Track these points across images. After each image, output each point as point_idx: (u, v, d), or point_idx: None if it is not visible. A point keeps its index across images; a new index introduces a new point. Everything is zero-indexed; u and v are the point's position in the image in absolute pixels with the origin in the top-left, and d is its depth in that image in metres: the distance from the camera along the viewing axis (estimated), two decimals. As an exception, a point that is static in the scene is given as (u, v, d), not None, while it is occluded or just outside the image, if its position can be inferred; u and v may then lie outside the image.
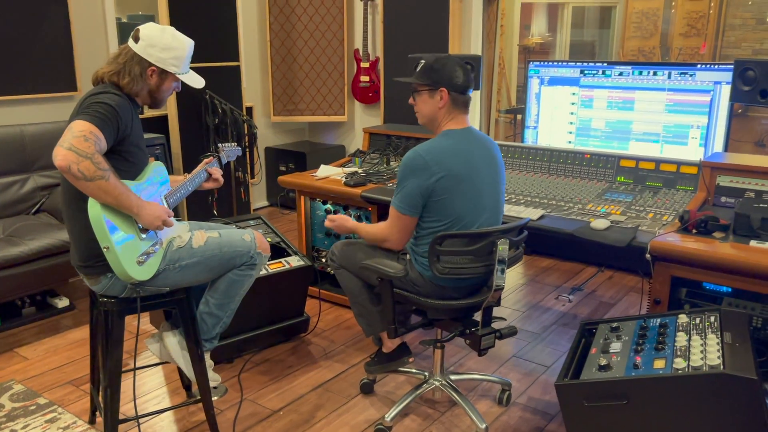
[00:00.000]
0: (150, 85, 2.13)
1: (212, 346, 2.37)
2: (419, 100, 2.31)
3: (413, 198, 2.19)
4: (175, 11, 4.16)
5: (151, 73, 2.11)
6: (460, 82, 2.25)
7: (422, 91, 2.29)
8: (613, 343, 2.06)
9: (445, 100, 2.25)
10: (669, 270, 2.25)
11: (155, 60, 2.10)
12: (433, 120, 2.31)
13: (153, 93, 2.16)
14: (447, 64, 2.25)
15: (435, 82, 2.24)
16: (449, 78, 2.24)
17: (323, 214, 3.40)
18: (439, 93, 2.24)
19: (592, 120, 3.44)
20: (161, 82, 2.14)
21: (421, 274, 2.27)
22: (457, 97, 2.26)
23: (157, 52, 2.09)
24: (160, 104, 2.23)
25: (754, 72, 2.65)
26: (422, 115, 2.33)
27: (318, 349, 3.04)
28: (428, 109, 2.29)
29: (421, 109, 2.32)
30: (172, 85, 2.19)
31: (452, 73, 2.24)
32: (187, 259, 2.16)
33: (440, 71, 2.25)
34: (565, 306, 3.50)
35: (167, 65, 2.12)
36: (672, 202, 2.67)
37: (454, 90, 2.24)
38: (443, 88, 2.23)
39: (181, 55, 2.15)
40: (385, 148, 3.72)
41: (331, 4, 5.11)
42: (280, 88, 5.27)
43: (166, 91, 2.19)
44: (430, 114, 2.30)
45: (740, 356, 1.75)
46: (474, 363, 2.90)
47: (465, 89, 2.27)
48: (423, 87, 2.28)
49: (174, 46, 2.13)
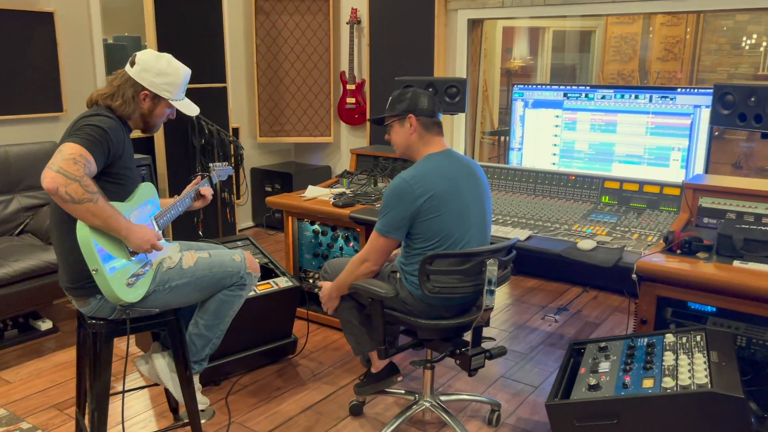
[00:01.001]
0: (142, 109, 2.13)
1: (201, 368, 2.36)
2: (392, 133, 2.40)
3: (397, 222, 2.23)
4: (162, 32, 4.18)
5: (144, 97, 2.12)
6: (426, 106, 2.34)
7: (393, 123, 2.38)
8: (601, 362, 2.08)
9: (414, 126, 2.33)
10: (655, 290, 2.29)
11: (148, 84, 2.11)
12: (410, 147, 2.37)
13: (145, 117, 2.16)
14: (410, 93, 2.36)
15: (402, 111, 2.34)
16: (414, 104, 2.34)
17: (311, 235, 3.40)
18: (408, 120, 2.33)
19: (576, 142, 3.50)
20: (154, 106, 2.15)
21: (412, 293, 2.28)
22: (426, 120, 2.34)
23: (150, 77, 2.11)
24: (152, 129, 2.22)
25: (733, 96, 2.72)
26: (398, 146, 2.40)
27: (306, 371, 3.03)
28: (401, 139, 2.37)
29: (395, 140, 2.40)
30: (165, 111, 2.19)
31: (416, 99, 2.34)
32: (177, 280, 2.15)
33: (404, 101, 2.35)
34: (551, 326, 3.53)
35: (160, 90, 2.13)
36: (656, 223, 2.72)
37: (421, 114, 2.33)
38: (410, 115, 2.33)
39: (175, 81, 2.16)
40: (373, 169, 3.74)
41: (318, 27, 5.17)
42: (266, 109, 5.29)
43: (159, 117, 2.19)
44: (404, 143, 2.37)
45: (727, 375, 1.78)
46: (463, 383, 2.90)
47: (432, 112, 2.36)
48: (392, 118, 2.38)
49: (168, 72, 2.14)
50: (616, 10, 4.01)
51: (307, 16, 5.14)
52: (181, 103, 2.22)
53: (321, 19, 5.15)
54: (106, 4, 4.41)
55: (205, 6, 4.44)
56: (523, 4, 4.28)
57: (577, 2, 4.08)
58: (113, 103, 2.08)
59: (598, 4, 4.02)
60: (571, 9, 4.14)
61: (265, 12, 5.11)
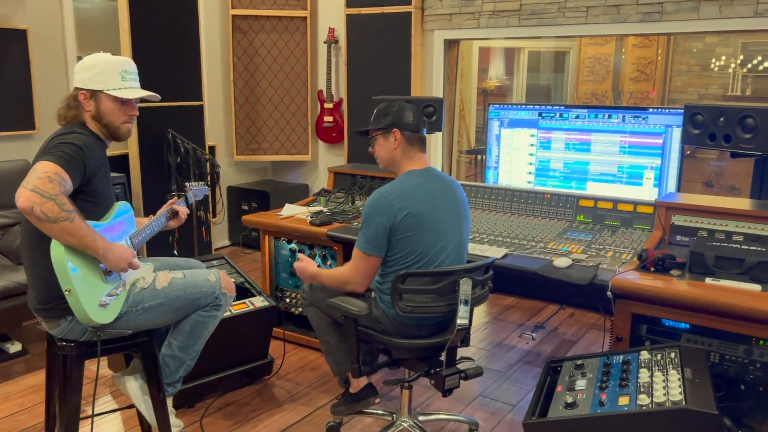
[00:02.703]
0: (91, 112, 2.08)
1: (175, 390, 2.32)
2: (376, 146, 2.41)
3: (378, 238, 2.22)
4: (138, 49, 4.16)
5: (83, 98, 2.07)
6: (411, 121, 2.35)
7: (377, 136, 2.39)
8: (578, 380, 2.09)
9: (399, 140, 2.34)
10: (630, 307, 2.31)
11: (81, 82, 2.07)
12: (392, 161, 2.38)
13: (100, 120, 2.08)
14: (396, 107, 2.37)
15: (387, 125, 2.35)
16: (399, 119, 2.35)
17: (288, 254, 3.38)
18: (393, 134, 2.34)
19: (551, 161, 3.55)
20: (97, 104, 2.07)
21: (385, 312, 2.27)
22: (410, 135, 2.35)
23: (80, 75, 2.08)
24: (116, 132, 2.10)
25: (703, 116, 2.79)
26: (381, 159, 2.41)
27: (282, 392, 2.99)
28: (385, 152, 2.38)
29: (379, 153, 2.41)
30: (112, 107, 2.07)
31: (402, 114, 2.35)
32: (151, 301, 2.12)
33: (390, 114, 2.36)
34: (528, 344, 3.54)
35: (92, 84, 2.06)
36: (630, 241, 2.75)
37: (406, 129, 2.34)
38: (395, 129, 2.34)
39: (103, 69, 2.06)
40: (350, 187, 3.74)
41: (295, 46, 5.18)
42: (243, 127, 5.28)
43: (112, 115, 2.08)
44: (387, 156, 2.38)
45: (701, 392, 1.80)
46: (442, 402, 2.89)
47: (417, 128, 2.37)
48: (377, 131, 2.39)
49: (93, 63, 2.07)
50: (588, 31, 4.09)
51: (285, 35, 5.15)
52: (123, 91, 2.08)
53: (298, 38, 5.17)
54: (81, 22, 4.38)
55: (182, 24, 4.43)
56: (498, 25, 4.35)
57: (550, 24, 4.16)
58: (67, 117, 2.06)
59: (571, 26, 4.10)
60: (545, 30, 4.22)
61: (242, 30, 5.12)
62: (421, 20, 4.66)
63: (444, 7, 4.55)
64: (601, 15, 3.97)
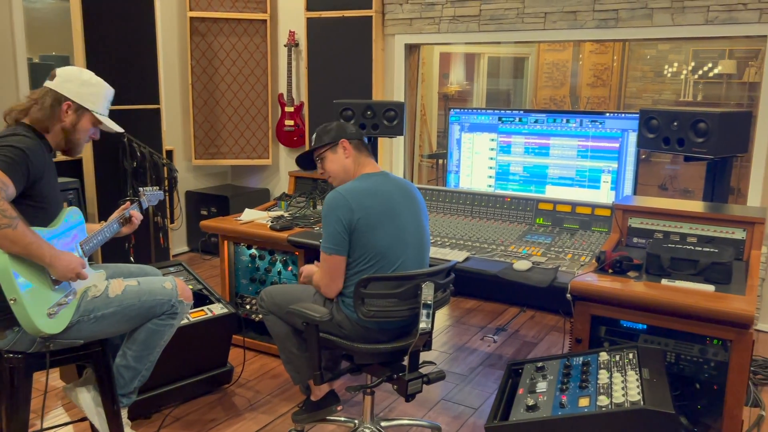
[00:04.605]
0: (64, 122, 2.02)
1: (130, 401, 2.25)
2: (326, 164, 2.41)
3: (338, 235, 2.21)
4: (92, 52, 4.04)
5: (67, 108, 2.01)
6: (353, 131, 2.42)
7: (325, 153, 2.40)
8: (539, 382, 2.10)
9: (349, 149, 2.37)
10: (589, 309, 2.34)
11: (72, 94, 2.01)
12: (346, 172, 2.39)
13: (68, 134, 2.05)
14: (335, 124, 2.43)
15: (333, 138, 2.38)
16: (343, 130, 2.39)
17: (248, 260, 3.33)
18: (341, 145, 2.37)
19: (511, 165, 3.58)
20: (77, 119, 2.04)
21: (348, 316, 2.25)
22: (357, 143, 2.39)
23: (75, 87, 2.02)
24: (75, 149, 2.11)
25: (657, 121, 2.85)
26: (334, 173, 2.41)
27: (243, 401, 2.93)
28: (337, 166, 2.39)
29: (330, 169, 2.41)
30: (88, 128, 2.09)
31: (342, 126, 2.42)
32: (103, 310, 2.05)
33: (331, 130, 2.40)
34: (490, 347, 3.55)
35: (84, 100, 2.03)
36: (588, 243, 2.79)
37: (352, 138, 2.38)
38: (343, 139, 2.36)
39: (100, 92, 2.07)
40: (311, 192, 3.71)
41: (255, 49, 5.12)
42: (202, 131, 5.19)
43: (83, 133, 2.08)
44: (340, 169, 2.39)
45: (658, 391, 1.83)
46: (405, 407, 2.87)
47: (360, 136, 2.43)
48: (324, 148, 2.40)
49: (92, 83, 2.07)
50: (546, 37, 4.15)
51: (244, 38, 5.09)
52: (107, 119, 2.13)
53: (258, 41, 5.11)
54: (31, 23, 4.25)
55: (138, 25, 4.33)
56: (458, 30, 4.38)
57: (509, 29, 4.20)
58: (31, 116, 1.98)
59: (529, 32, 4.15)
60: (504, 36, 4.26)
61: (200, 33, 5.04)
62: (382, 24, 4.66)
63: (404, 12, 4.56)
64: (559, 21, 4.03)
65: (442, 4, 4.40)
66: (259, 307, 2.51)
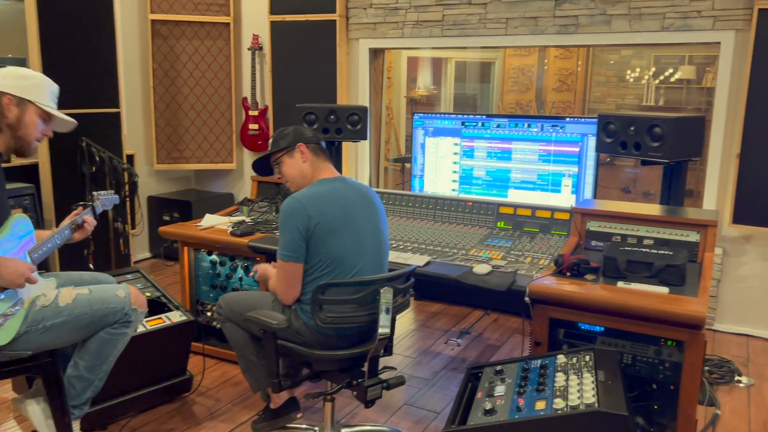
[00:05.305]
0: (9, 119, 1.96)
1: (82, 413, 2.19)
2: (284, 168, 2.39)
3: (295, 242, 2.18)
4: (48, 54, 3.95)
5: (8, 103, 1.95)
6: (310, 135, 2.40)
7: (282, 158, 2.38)
8: (497, 386, 2.10)
9: (306, 153, 2.35)
10: (547, 312, 2.35)
11: (10, 88, 1.96)
12: (304, 177, 2.37)
13: (15, 130, 1.97)
14: (292, 128, 2.41)
15: (290, 143, 2.36)
16: (300, 135, 2.38)
17: (209, 266, 3.28)
18: (298, 149, 2.35)
19: (474, 169, 3.59)
20: (21, 113, 1.97)
21: (306, 323, 2.23)
22: (315, 147, 2.38)
23: (11, 81, 1.97)
24: (26, 148, 2.03)
25: (615, 125, 2.89)
26: (292, 179, 2.39)
27: (202, 409, 2.88)
28: (295, 170, 2.37)
29: (288, 173, 2.39)
30: (36, 121, 2.00)
31: (299, 130, 2.39)
32: (53, 319, 1.99)
33: (288, 134, 2.38)
34: (454, 350, 3.56)
35: (25, 92, 1.97)
36: (548, 247, 2.81)
37: (309, 142, 2.36)
38: (300, 144, 2.35)
39: (40, 84, 2.02)
40: (274, 197, 3.67)
41: (218, 53, 5.07)
42: (164, 135, 5.11)
43: (32, 128, 2.00)
44: (298, 173, 2.37)
45: (612, 393, 1.84)
46: (367, 413, 2.85)
47: (317, 140, 2.41)
48: (281, 153, 2.37)
49: (30, 75, 2.03)
50: (508, 42, 4.19)
51: (207, 41, 5.03)
52: (54, 110, 2.06)
53: (221, 44, 5.06)
54: (-16, 24, 4.14)
55: (97, 28, 4.24)
56: (422, 35, 4.39)
57: (472, 34, 4.23)
58: None
59: (492, 37, 4.18)
60: (467, 41, 4.28)
61: (162, 36, 4.96)
62: (346, 29, 4.65)
63: (368, 17, 4.56)
64: (520, 27, 4.07)
65: (406, 9, 4.41)
66: (216, 315, 2.47)
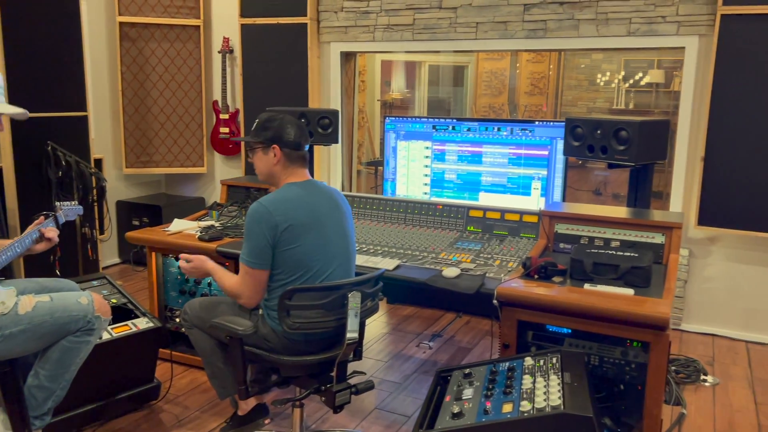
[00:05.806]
0: None
1: (43, 423, 2.14)
2: (255, 158, 2.35)
3: (261, 249, 2.16)
4: (12, 55, 3.86)
5: None
6: (292, 139, 2.29)
7: (257, 149, 2.32)
8: (465, 389, 2.11)
9: (278, 157, 2.29)
10: (515, 314, 2.36)
11: None
12: (272, 176, 2.33)
13: None
14: (279, 122, 2.30)
15: (267, 140, 2.29)
16: (280, 135, 2.28)
17: (177, 272, 3.23)
18: (272, 150, 2.28)
19: (445, 172, 3.61)
20: None
21: (273, 329, 2.21)
22: (290, 153, 2.29)
23: None
24: None
25: (582, 129, 2.92)
26: (260, 171, 2.36)
27: (170, 417, 2.84)
28: (264, 166, 2.33)
29: (257, 165, 2.36)
30: None
31: (283, 130, 2.29)
32: (12, 328, 1.95)
33: (271, 129, 2.29)
34: (425, 353, 3.56)
35: None
36: (516, 250, 2.83)
37: (286, 146, 2.28)
38: (275, 146, 2.28)
39: None
40: (244, 201, 3.64)
41: (188, 56, 5.02)
42: (133, 139, 5.03)
43: None
44: (266, 170, 2.33)
45: (578, 395, 1.85)
46: (338, 417, 2.84)
47: (298, 145, 2.31)
48: (257, 144, 2.32)
49: None
50: (478, 46, 4.21)
51: (177, 44, 4.98)
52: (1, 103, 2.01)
53: (191, 47, 5.01)
54: (-55, 25, 4.03)
55: (62, 30, 4.15)
56: (393, 39, 4.39)
57: (443, 38, 4.24)
58: None
59: (462, 41, 4.20)
60: (438, 45, 4.30)
61: (130, 38, 4.89)
62: (317, 32, 4.64)
63: (340, 20, 4.55)
64: (490, 31, 4.10)
65: (377, 13, 4.41)
66: (182, 321, 2.44)
